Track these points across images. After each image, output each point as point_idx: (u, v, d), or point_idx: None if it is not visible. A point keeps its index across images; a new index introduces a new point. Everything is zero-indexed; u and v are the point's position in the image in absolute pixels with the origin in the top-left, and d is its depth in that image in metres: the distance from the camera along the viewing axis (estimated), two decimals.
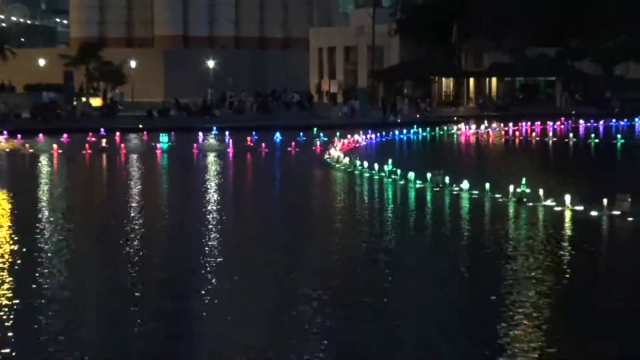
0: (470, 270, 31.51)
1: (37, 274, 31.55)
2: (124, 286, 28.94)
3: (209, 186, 60.04)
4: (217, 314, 25.30)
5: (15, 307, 26.18)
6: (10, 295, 27.92)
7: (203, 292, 27.18)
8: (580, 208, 39.76)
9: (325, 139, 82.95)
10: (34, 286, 29.22)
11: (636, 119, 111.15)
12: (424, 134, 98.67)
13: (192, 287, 29.63)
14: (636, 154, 78.68)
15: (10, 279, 29.87)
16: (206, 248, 35.31)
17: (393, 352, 20.26)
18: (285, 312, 24.89)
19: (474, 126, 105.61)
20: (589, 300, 26.65)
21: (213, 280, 28.91)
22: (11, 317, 23.70)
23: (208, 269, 30.87)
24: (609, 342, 21.27)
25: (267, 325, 24.10)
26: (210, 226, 42.11)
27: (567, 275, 28.30)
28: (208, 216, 45.83)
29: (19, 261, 33.70)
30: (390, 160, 57.69)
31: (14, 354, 20.76)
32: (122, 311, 25.44)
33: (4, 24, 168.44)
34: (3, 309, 25.21)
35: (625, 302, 25.14)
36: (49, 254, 35.72)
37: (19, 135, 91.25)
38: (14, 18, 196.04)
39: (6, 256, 33.50)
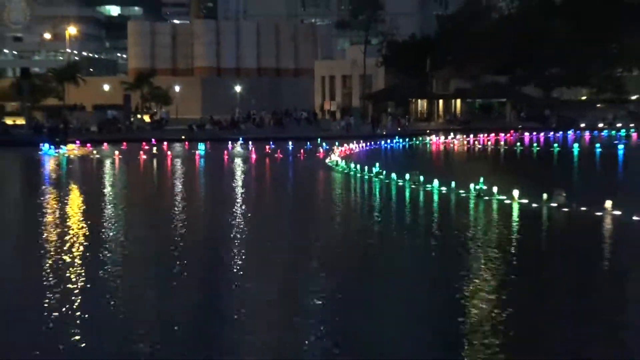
0: (432, 245, 33.92)
1: (124, 241, 34.68)
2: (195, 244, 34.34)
3: (238, 181, 63.52)
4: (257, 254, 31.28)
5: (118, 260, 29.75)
6: (118, 250, 32.08)
7: (251, 242, 33.65)
8: (525, 201, 40.92)
9: (327, 147, 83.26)
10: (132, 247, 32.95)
11: (569, 132, 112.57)
12: (404, 143, 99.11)
13: (248, 238, 35.85)
14: (569, 158, 78.85)
15: (108, 245, 32.76)
16: (245, 218, 40.91)
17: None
18: (298, 252, 31.71)
19: (442, 137, 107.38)
20: (527, 269, 27.79)
21: (255, 235, 35.60)
22: (116, 270, 27.13)
23: (249, 231, 36.55)
24: (533, 299, 22.47)
25: (281, 259, 30.82)
26: (242, 206, 47.27)
27: (513, 252, 29.73)
28: (239, 200, 50.64)
29: (103, 232, 36.42)
30: (377, 164, 58.72)
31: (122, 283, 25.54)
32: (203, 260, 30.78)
33: (77, 58, 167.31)
34: (111, 264, 28.76)
35: (556, 270, 27.10)
36: (126, 226, 39.89)
37: (88, 144, 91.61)
38: (84, 53, 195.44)
39: (94, 231, 36.45)
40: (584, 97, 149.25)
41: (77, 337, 19.53)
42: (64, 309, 22.25)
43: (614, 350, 18.97)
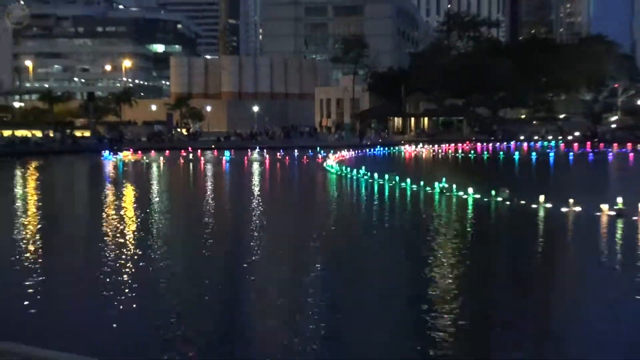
0: (401, 226, 35.95)
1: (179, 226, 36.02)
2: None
3: (255, 178, 65.16)
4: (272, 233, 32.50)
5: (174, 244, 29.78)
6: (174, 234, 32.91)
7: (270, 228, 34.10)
8: (478, 196, 41.03)
9: (324, 154, 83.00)
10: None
11: (511, 142, 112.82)
12: (384, 151, 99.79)
13: (269, 214, 39.92)
14: (511, 163, 79.91)
15: (165, 232, 33.10)
16: (264, 202, 44.89)
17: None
18: (298, 237, 31.82)
19: (414, 146, 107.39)
20: (472, 244, 28.67)
21: (273, 211, 39.87)
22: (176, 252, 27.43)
23: (268, 209, 40.14)
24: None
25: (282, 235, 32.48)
26: (261, 194, 50.89)
27: (462, 232, 30.62)
28: (259, 189, 54.79)
29: (156, 223, 36.28)
30: (363, 167, 58.71)
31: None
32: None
33: (130, 85, 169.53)
34: (167, 248, 28.73)
35: (493, 247, 27.81)
36: (176, 208, 42.69)
37: (139, 152, 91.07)
38: (136, 81, 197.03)
39: (149, 221, 37.08)
40: (523, 116, 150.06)
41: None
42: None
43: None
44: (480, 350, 16.66)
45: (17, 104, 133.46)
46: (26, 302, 19.62)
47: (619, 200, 33.27)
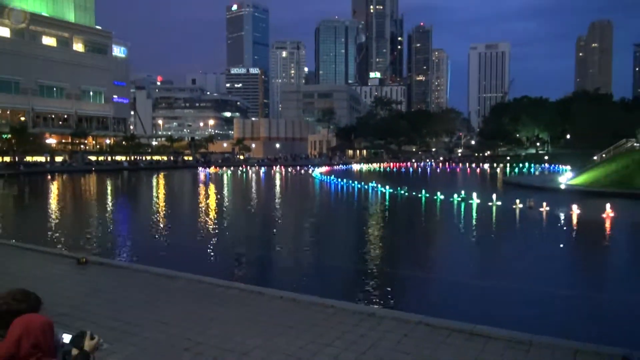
0: (343, 207, 33.97)
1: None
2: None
3: (278, 178, 63.71)
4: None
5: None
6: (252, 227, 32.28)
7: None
8: (390, 190, 37.59)
9: (312, 168, 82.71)
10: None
11: (408, 163, 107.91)
12: (343, 167, 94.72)
13: (284, 198, 37.91)
14: (408, 173, 75.83)
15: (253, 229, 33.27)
16: (280, 192, 43.79)
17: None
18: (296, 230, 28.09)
19: (358, 165, 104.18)
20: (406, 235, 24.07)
21: (286, 195, 37.89)
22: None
23: (283, 195, 40.17)
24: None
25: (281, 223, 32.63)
26: (280, 187, 50.65)
27: (417, 225, 23.56)
28: (280, 184, 53.31)
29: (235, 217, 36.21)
30: (332, 175, 59.36)
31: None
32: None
33: (212, 133, 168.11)
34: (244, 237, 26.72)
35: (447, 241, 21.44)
36: (252, 196, 44.03)
37: (217, 167, 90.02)
38: (215, 131, 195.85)
39: (239, 196, 38.87)
40: (414, 149, 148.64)
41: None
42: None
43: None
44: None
45: (154, 143, 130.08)
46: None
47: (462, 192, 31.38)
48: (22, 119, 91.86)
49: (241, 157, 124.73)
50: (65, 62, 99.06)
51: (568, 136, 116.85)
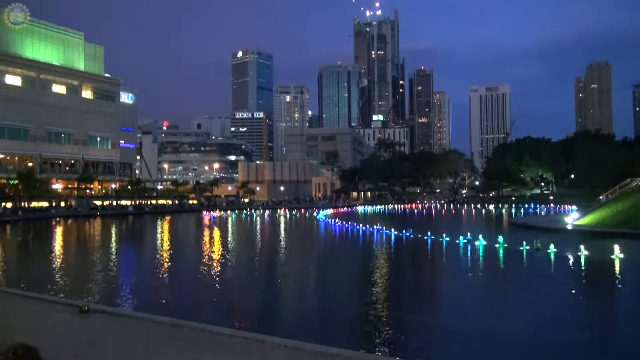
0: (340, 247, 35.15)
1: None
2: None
3: (282, 219, 63.45)
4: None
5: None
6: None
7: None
8: (396, 232, 37.31)
9: (317, 210, 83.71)
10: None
11: (413, 204, 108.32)
12: (347, 210, 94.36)
13: (294, 235, 37.51)
14: (413, 214, 75.86)
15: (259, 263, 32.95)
16: (290, 231, 43.38)
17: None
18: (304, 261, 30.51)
19: (362, 207, 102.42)
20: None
21: (294, 233, 37.05)
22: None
23: (293, 233, 40.15)
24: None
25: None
26: (287, 226, 50.24)
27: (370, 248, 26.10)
28: (285, 224, 53.54)
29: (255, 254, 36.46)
30: (337, 217, 60.89)
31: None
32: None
33: (217, 176, 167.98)
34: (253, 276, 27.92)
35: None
36: (257, 236, 43.75)
37: (222, 211, 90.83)
38: (220, 174, 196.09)
39: (243, 239, 39.20)
40: (418, 190, 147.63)
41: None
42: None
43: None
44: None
45: (159, 187, 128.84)
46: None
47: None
48: (30, 164, 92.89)
49: (246, 200, 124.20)
50: (74, 109, 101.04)
51: (572, 176, 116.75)
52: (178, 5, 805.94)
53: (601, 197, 48.88)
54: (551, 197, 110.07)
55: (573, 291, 17.78)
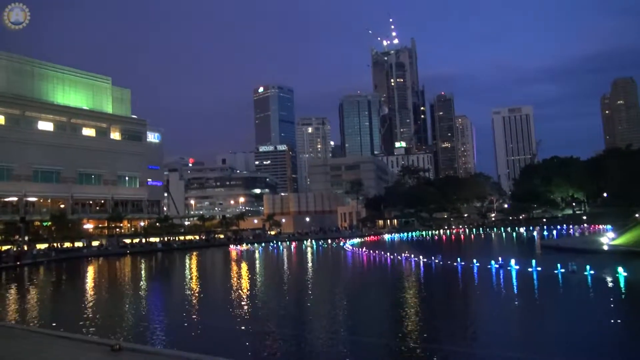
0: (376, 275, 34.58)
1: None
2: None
3: (310, 250, 62.20)
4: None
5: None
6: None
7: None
8: (423, 259, 37.72)
9: (343, 239, 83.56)
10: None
11: (440, 231, 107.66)
12: (377, 238, 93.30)
13: (322, 266, 36.78)
14: (441, 240, 75.45)
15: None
16: (318, 260, 42.82)
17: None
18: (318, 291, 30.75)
19: (389, 235, 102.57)
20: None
21: (324, 263, 36.17)
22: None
23: (322, 263, 38.56)
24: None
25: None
26: (315, 256, 48.72)
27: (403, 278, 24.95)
28: (313, 254, 52.64)
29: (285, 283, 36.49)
30: (364, 246, 59.64)
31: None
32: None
33: (243, 210, 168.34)
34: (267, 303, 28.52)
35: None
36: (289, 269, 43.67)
37: (249, 244, 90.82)
38: (245, 208, 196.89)
39: (272, 272, 37.89)
40: (445, 216, 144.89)
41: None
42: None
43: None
44: None
45: (186, 223, 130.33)
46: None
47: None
48: (62, 205, 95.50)
49: (272, 233, 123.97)
50: (103, 150, 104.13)
51: (605, 194, 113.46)
52: (200, 46, 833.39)
53: (637, 215, 47.44)
54: (584, 217, 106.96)
55: (617, 320, 16.86)
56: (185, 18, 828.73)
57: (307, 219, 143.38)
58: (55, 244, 77.74)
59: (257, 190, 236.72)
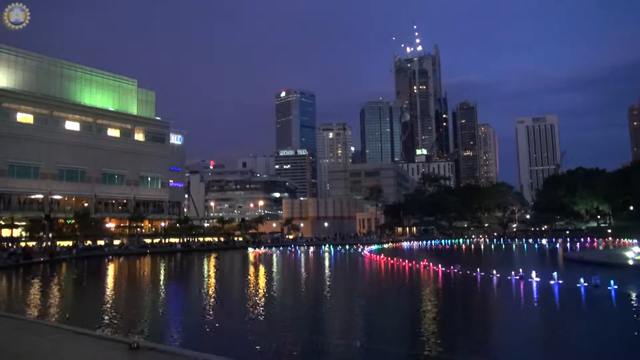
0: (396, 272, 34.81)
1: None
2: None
3: (327, 254, 61.80)
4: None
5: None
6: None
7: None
8: (441, 268, 37.00)
9: (363, 247, 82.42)
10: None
11: (460, 240, 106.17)
12: (395, 245, 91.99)
13: (341, 268, 36.55)
14: (460, 249, 75.00)
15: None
16: (337, 263, 42.37)
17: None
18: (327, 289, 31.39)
19: (408, 243, 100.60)
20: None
21: (343, 265, 35.80)
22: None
23: (340, 266, 38.29)
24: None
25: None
26: (335, 260, 48.73)
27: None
28: (332, 257, 52.43)
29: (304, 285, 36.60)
30: (381, 253, 59.61)
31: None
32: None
33: (262, 213, 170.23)
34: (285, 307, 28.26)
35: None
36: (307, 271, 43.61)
37: (267, 248, 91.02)
38: (265, 211, 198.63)
39: (290, 273, 39.24)
40: (465, 225, 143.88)
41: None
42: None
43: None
44: None
45: (206, 224, 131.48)
46: None
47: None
48: (85, 204, 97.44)
49: (290, 237, 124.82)
50: (127, 151, 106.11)
51: (631, 207, 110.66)
52: (223, 51, 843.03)
53: None
54: (609, 231, 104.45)
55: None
56: (209, 21, 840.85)
57: (326, 224, 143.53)
58: (78, 242, 79.26)
59: (277, 194, 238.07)
